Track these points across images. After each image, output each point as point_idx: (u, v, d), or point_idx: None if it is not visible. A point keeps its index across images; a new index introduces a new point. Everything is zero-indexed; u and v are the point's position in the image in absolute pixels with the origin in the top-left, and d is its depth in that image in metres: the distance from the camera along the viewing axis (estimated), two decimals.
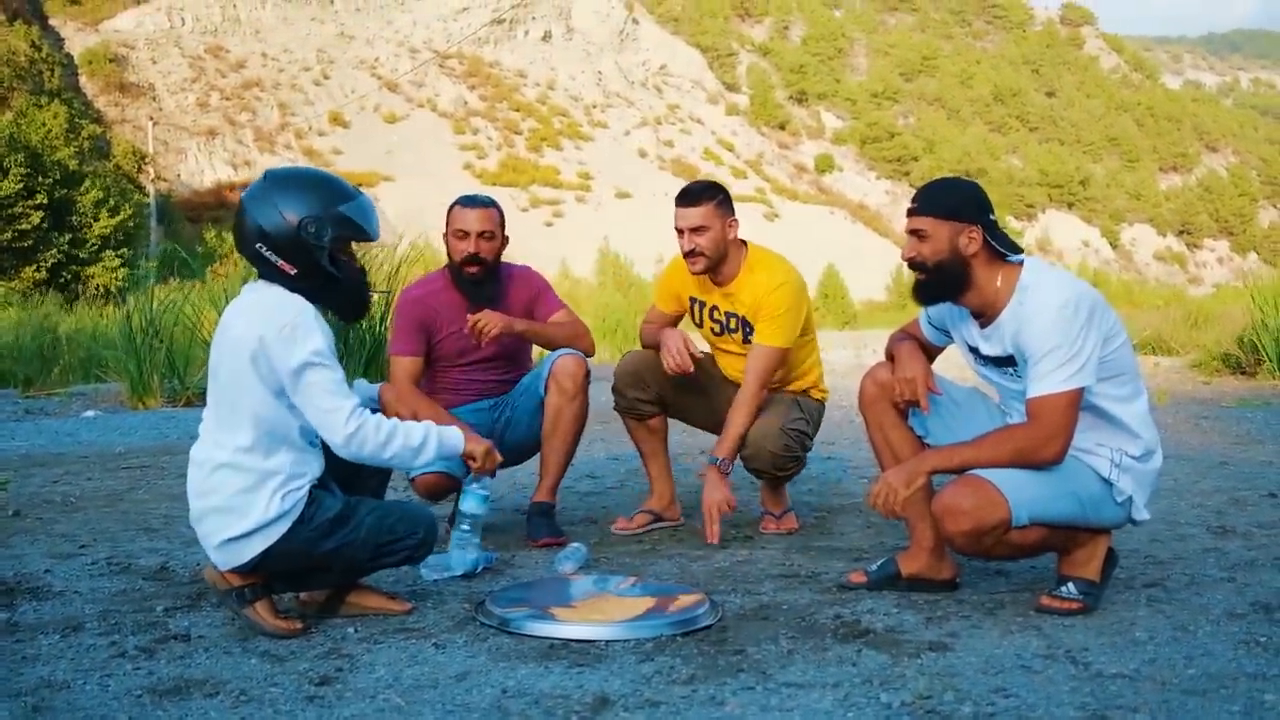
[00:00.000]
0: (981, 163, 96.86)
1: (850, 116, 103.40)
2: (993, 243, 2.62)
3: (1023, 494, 2.53)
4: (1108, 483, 2.61)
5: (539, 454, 3.69)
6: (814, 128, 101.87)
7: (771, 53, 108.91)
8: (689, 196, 3.55)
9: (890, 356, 2.94)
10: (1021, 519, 2.52)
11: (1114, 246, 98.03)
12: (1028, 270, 2.61)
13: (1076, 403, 2.51)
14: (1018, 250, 2.65)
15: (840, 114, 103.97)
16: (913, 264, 2.69)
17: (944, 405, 2.84)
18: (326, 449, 2.59)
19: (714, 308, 3.69)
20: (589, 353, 3.71)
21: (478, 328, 3.47)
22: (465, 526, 3.00)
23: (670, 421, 3.86)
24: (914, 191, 2.71)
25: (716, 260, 3.55)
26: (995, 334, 2.65)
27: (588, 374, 3.62)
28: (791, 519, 3.80)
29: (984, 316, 2.68)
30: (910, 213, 2.69)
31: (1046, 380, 2.50)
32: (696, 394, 3.76)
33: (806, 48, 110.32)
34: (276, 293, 2.53)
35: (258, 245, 2.52)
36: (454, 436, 2.68)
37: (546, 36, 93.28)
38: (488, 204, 3.66)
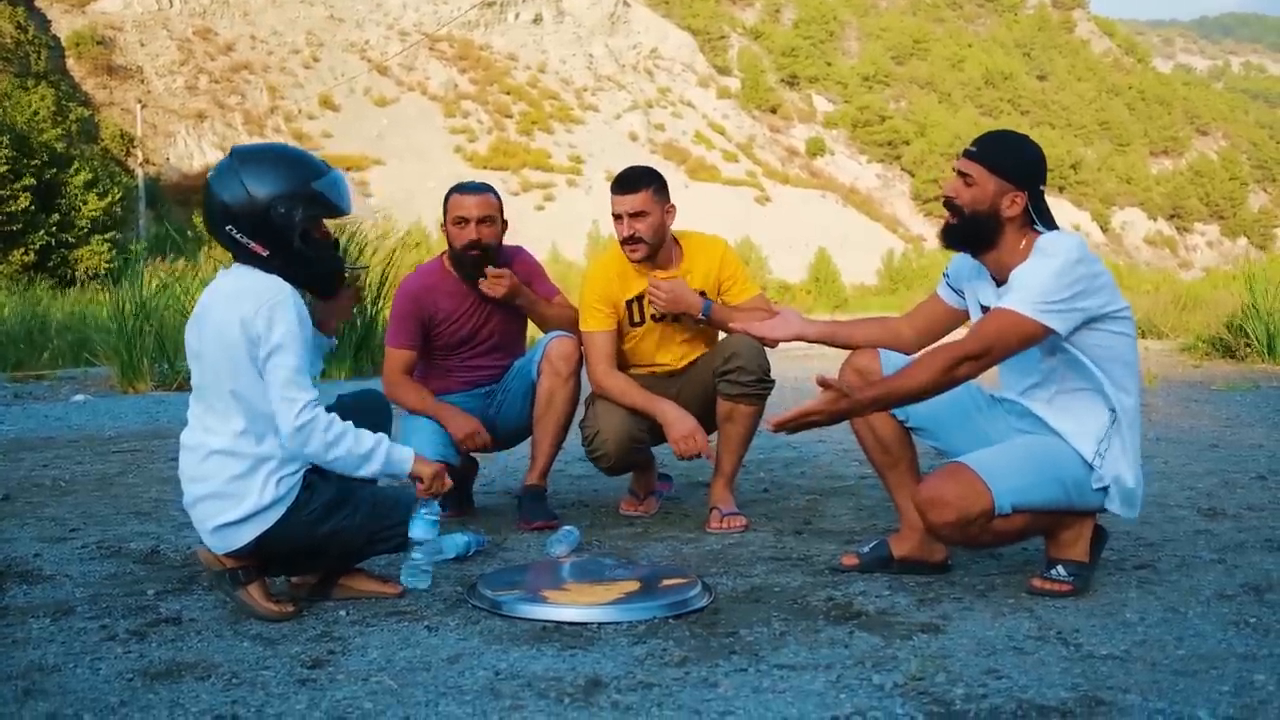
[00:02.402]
0: None
1: (842, 100, 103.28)
2: (1033, 213, 2.62)
3: (1006, 482, 2.53)
4: (1090, 466, 2.61)
5: (530, 438, 3.68)
6: (805, 111, 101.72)
7: (763, 36, 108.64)
8: (627, 183, 3.49)
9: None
10: (1005, 507, 2.53)
11: (1105, 230, 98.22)
12: (1047, 235, 2.61)
13: (1025, 336, 2.48)
14: (1054, 227, 2.65)
15: (832, 97, 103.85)
16: (949, 203, 2.67)
17: None
18: None
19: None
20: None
21: (490, 281, 3.51)
22: (416, 555, 2.71)
23: None
24: (906, 174, 2.71)
25: (655, 247, 3.52)
26: (1007, 291, 2.65)
27: (581, 357, 3.61)
28: (740, 519, 3.55)
29: (1000, 274, 2.68)
30: (967, 154, 2.66)
31: (1010, 298, 2.50)
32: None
33: (798, 31, 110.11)
34: (254, 276, 2.50)
35: (227, 228, 2.47)
36: (403, 456, 2.58)
37: (537, 19, 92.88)
38: (485, 189, 3.65)
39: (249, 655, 2.26)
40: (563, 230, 59.92)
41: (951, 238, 2.72)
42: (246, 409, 2.45)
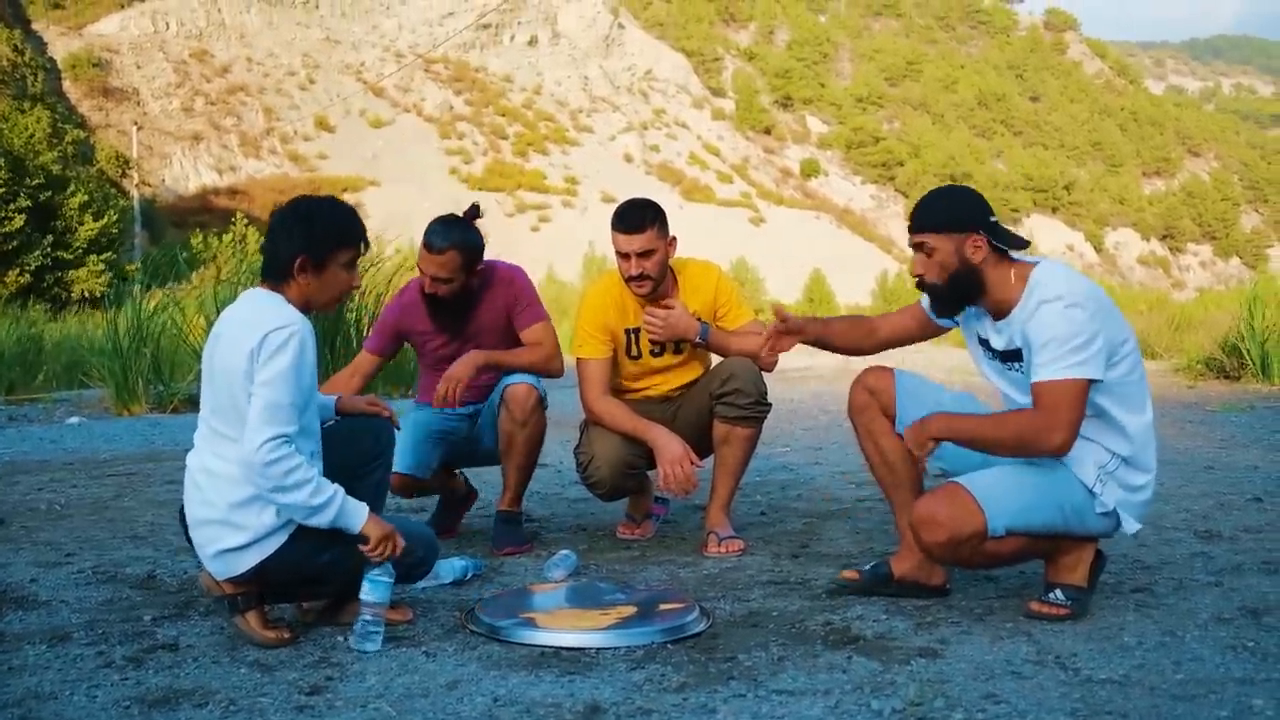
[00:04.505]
0: (966, 167, 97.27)
1: (835, 121, 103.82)
2: (998, 244, 2.63)
3: (1000, 504, 2.54)
4: (1092, 493, 2.62)
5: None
6: (799, 132, 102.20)
7: (757, 57, 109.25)
8: (632, 222, 3.45)
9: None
10: (998, 529, 2.54)
11: (1098, 250, 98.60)
12: (1041, 268, 2.61)
13: (1082, 394, 2.48)
14: (1023, 244, 2.66)
15: (825, 119, 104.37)
16: (922, 282, 2.70)
17: (933, 407, 2.83)
18: (326, 458, 2.59)
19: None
20: (557, 374, 3.66)
21: (436, 403, 3.43)
22: (367, 617, 2.50)
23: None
24: (899, 195, 2.74)
25: (660, 281, 3.53)
26: (1006, 329, 2.65)
27: (540, 400, 3.54)
28: (737, 542, 3.54)
29: (998, 312, 2.69)
30: (911, 230, 2.69)
31: (1050, 367, 2.49)
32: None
33: (791, 52, 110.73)
34: (275, 301, 2.53)
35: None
36: (357, 514, 2.50)
37: (532, 41, 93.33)
38: (446, 248, 3.51)
39: (246, 682, 2.26)
40: (558, 251, 60.00)
41: (946, 306, 2.75)
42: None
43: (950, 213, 2.65)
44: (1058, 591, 2.65)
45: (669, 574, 3.24)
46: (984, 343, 2.76)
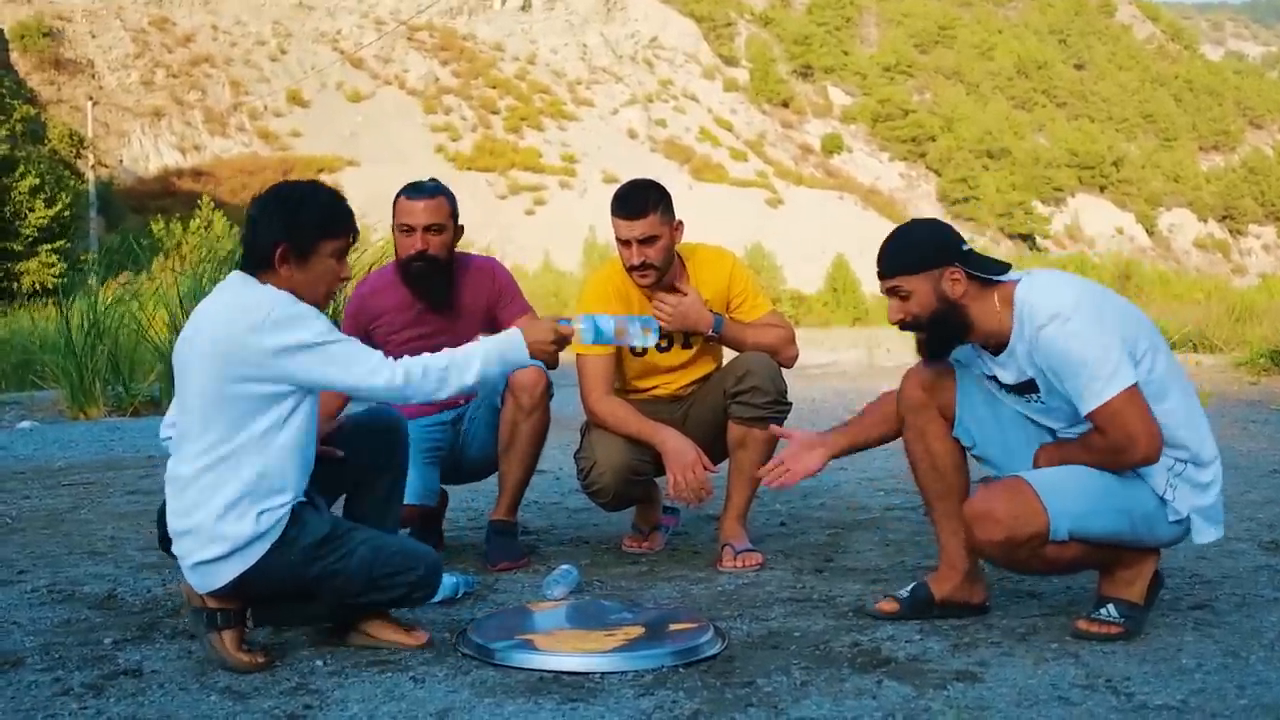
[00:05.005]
0: (1005, 142, 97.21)
1: (860, 92, 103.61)
2: (977, 274, 2.64)
3: (1066, 505, 2.53)
4: (1163, 500, 2.61)
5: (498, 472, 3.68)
6: (820, 105, 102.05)
7: (773, 22, 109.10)
8: (632, 206, 3.45)
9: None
10: (1061, 533, 2.53)
11: (1150, 233, 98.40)
12: (1021, 288, 2.62)
13: (1135, 400, 2.49)
14: (1005, 268, 2.67)
15: (849, 89, 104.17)
16: (904, 326, 2.71)
17: (987, 418, 2.82)
18: (317, 465, 2.62)
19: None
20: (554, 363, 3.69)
21: None
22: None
23: None
24: (932, 173, 2.74)
25: (665, 270, 3.51)
26: (1010, 361, 2.67)
27: (548, 386, 3.57)
28: (755, 556, 3.55)
29: (995, 347, 2.69)
30: (881, 275, 2.72)
31: (1090, 397, 2.51)
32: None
33: (811, 17, 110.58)
34: (258, 285, 2.56)
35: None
36: (509, 345, 2.70)
37: (526, 6, 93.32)
38: (435, 192, 3.61)
39: (217, 711, 2.26)
40: (555, 237, 60.06)
41: (934, 349, 2.76)
42: (228, 436, 2.47)
43: (920, 250, 2.67)
44: (1110, 607, 2.65)
45: (680, 591, 3.25)
46: (992, 379, 2.76)
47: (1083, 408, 2.53)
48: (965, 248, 2.66)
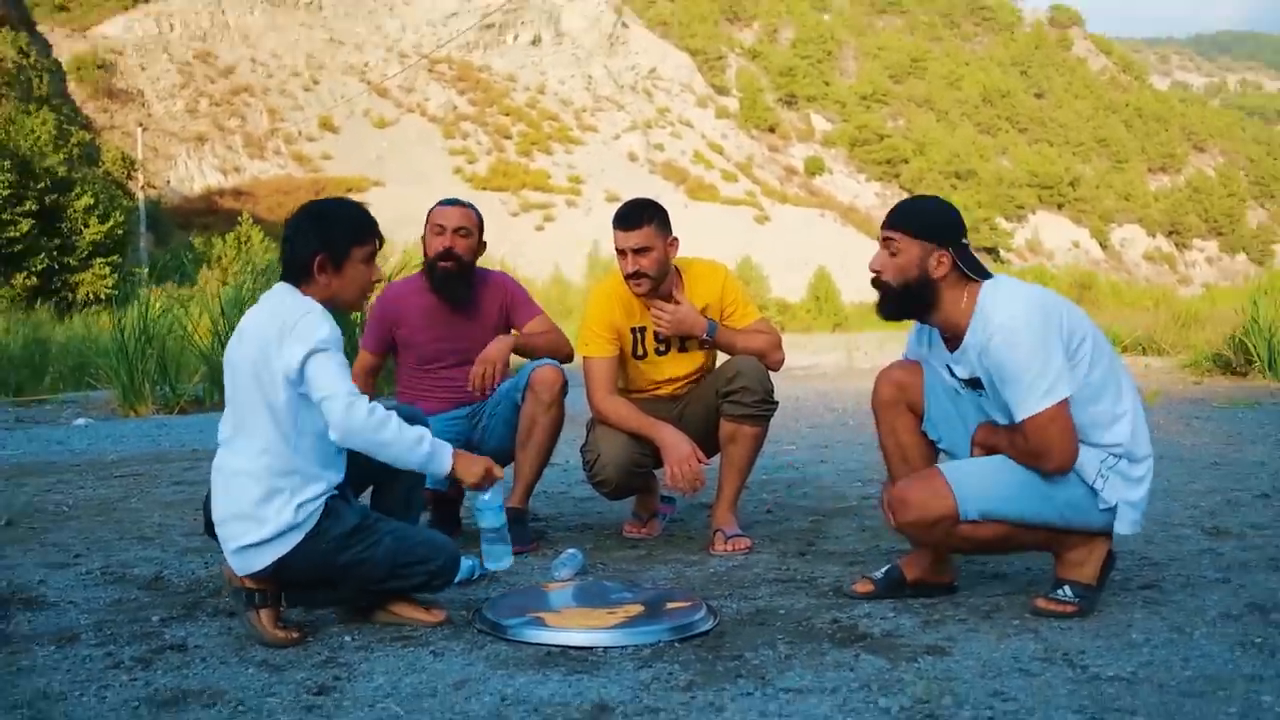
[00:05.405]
0: (971, 164, 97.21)
1: (840, 119, 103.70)
2: (962, 266, 2.63)
3: (974, 490, 2.57)
4: (1093, 490, 2.60)
5: (514, 462, 3.68)
6: (804, 130, 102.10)
7: (760, 55, 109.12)
8: (629, 218, 3.48)
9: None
10: (970, 514, 2.55)
11: (1104, 247, 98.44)
12: (985, 291, 2.61)
13: (1060, 417, 2.49)
14: (987, 275, 2.66)
15: (830, 116, 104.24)
16: (877, 280, 2.69)
17: (952, 415, 2.82)
18: (350, 458, 2.63)
19: (656, 331, 3.63)
20: (568, 359, 3.72)
21: (477, 384, 3.51)
22: (488, 538, 2.76)
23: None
24: (904, 192, 2.74)
25: (659, 280, 3.52)
26: (963, 358, 2.66)
27: (565, 384, 3.59)
28: (744, 540, 3.54)
29: (952, 339, 2.69)
30: (885, 224, 2.70)
31: (1023, 405, 2.51)
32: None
33: (795, 50, 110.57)
34: (294, 294, 2.57)
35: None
36: (444, 450, 2.61)
37: (536, 41, 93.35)
38: (467, 205, 3.77)
39: (254, 682, 2.26)
40: (563, 251, 60.03)
41: (890, 309, 2.71)
42: (269, 432, 2.49)
43: (928, 219, 2.66)
44: (1066, 588, 2.65)
45: (676, 572, 3.25)
46: (949, 369, 2.76)
47: (1015, 413, 2.54)
48: (964, 241, 2.66)
